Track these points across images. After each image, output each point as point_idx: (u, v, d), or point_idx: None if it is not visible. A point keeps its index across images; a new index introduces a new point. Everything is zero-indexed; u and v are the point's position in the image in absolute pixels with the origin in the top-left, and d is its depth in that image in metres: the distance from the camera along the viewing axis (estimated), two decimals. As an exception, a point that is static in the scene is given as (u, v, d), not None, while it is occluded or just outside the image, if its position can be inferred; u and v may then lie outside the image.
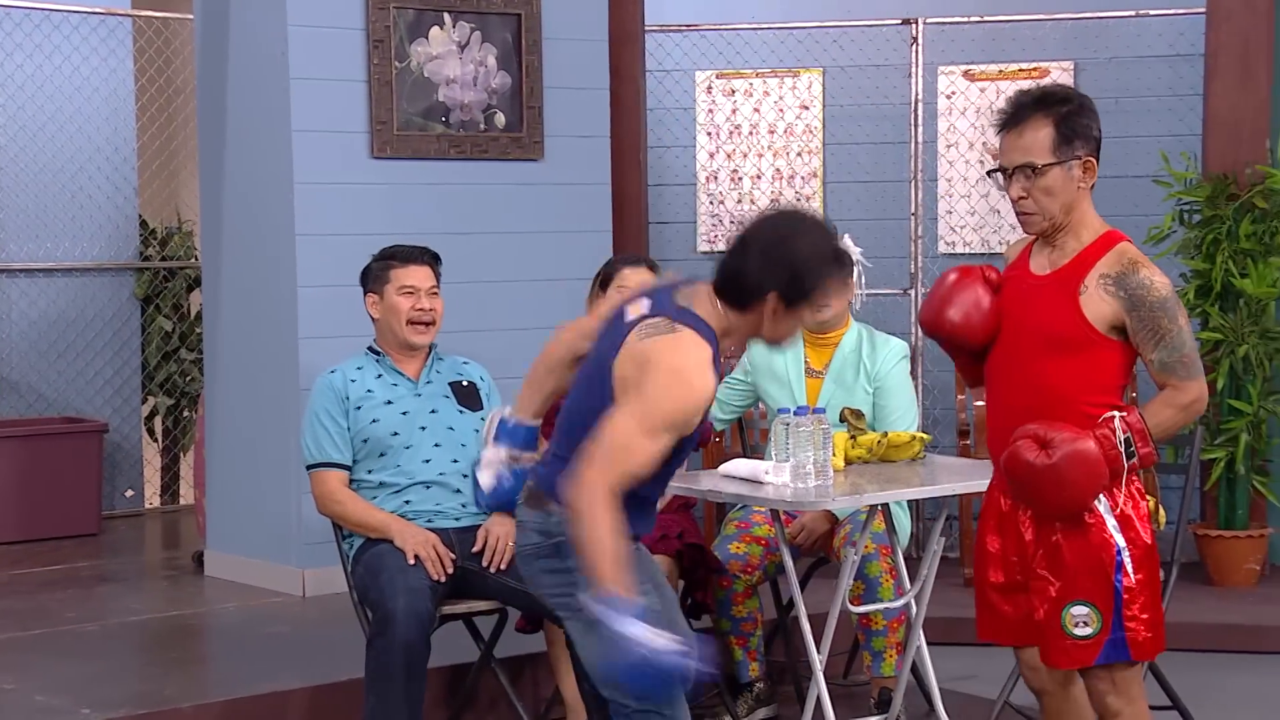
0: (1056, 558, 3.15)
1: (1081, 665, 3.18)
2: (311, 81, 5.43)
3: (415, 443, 4.08)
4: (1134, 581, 3.13)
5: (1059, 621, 3.15)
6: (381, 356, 4.20)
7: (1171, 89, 6.52)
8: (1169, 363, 3.10)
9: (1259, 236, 5.77)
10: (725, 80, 7.04)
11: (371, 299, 4.20)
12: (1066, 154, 3.12)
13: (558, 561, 3.06)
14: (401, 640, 3.74)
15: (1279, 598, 5.68)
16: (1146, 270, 3.10)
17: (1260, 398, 5.77)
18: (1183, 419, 3.15)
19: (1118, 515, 3.13)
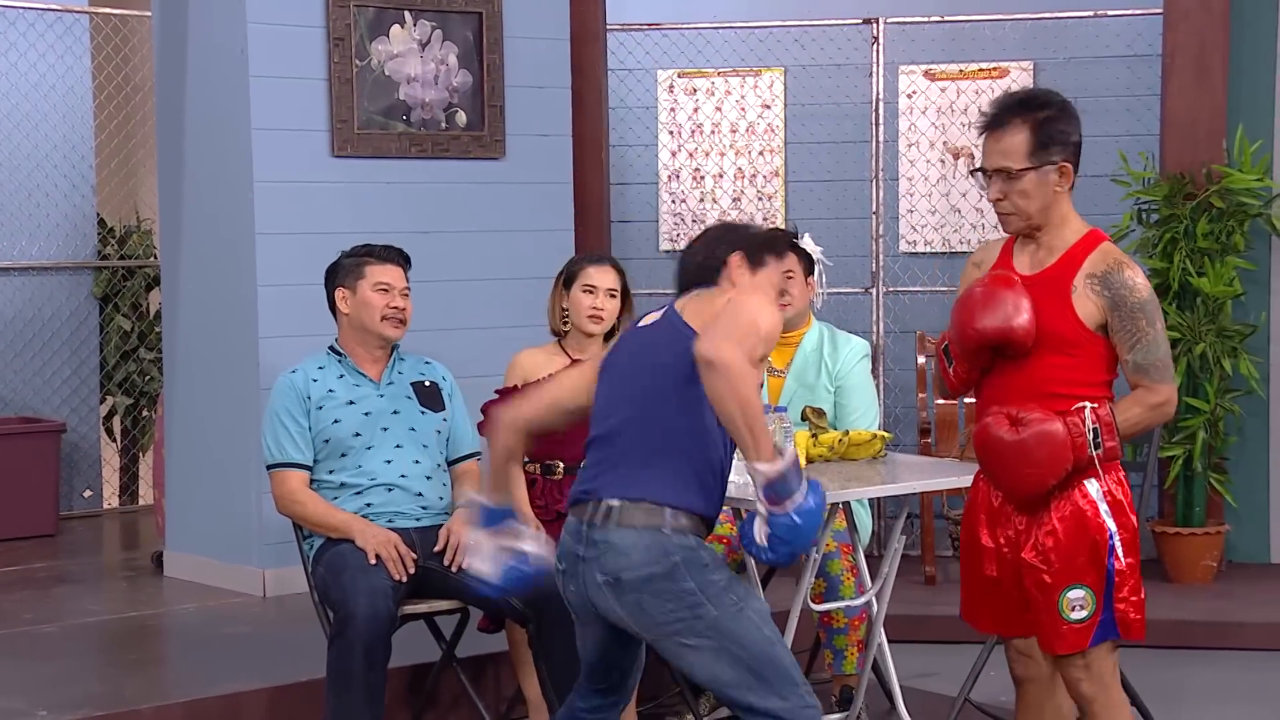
0: (1051, 544, 3.21)
1: (1077, 649, 3.23)
2: (271, 80, 5.41)
3: (377, 443, 4.07)
4: (1124, 565, 3.21)
5: (1056, 606, 3.20)
6: (343, 357, 4.19)
7: (1129, 89, 6.57)
8: (1143, 364, 3.18)
9: (1215, 236, 5.82)
10: (687, 79, 7.05)
11: (342, 294, 4.17)
12: (1042, 159, 3.17)
13: (676, 584, 2.95)
14: (362, 640, 3.73)
15: (1235, 594, 5.73)
16: (1130, 271, 3.18)
17: (1217, 396, 5.82)
18: (1151, 419, 3.23)
19: (1109, 501, 3.21)
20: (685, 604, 2.97)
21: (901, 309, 6.76)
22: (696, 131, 7.06)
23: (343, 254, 4.25)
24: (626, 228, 6.94)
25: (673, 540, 2.96)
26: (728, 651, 2.99)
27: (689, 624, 2.98)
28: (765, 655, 3.01)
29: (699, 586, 2.97)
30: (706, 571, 2.99)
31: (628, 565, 2.97)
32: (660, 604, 2.97)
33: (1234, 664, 5.20)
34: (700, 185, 7.07)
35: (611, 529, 2.99)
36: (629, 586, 2.98)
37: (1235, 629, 5.39)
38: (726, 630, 2.98)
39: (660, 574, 2.96)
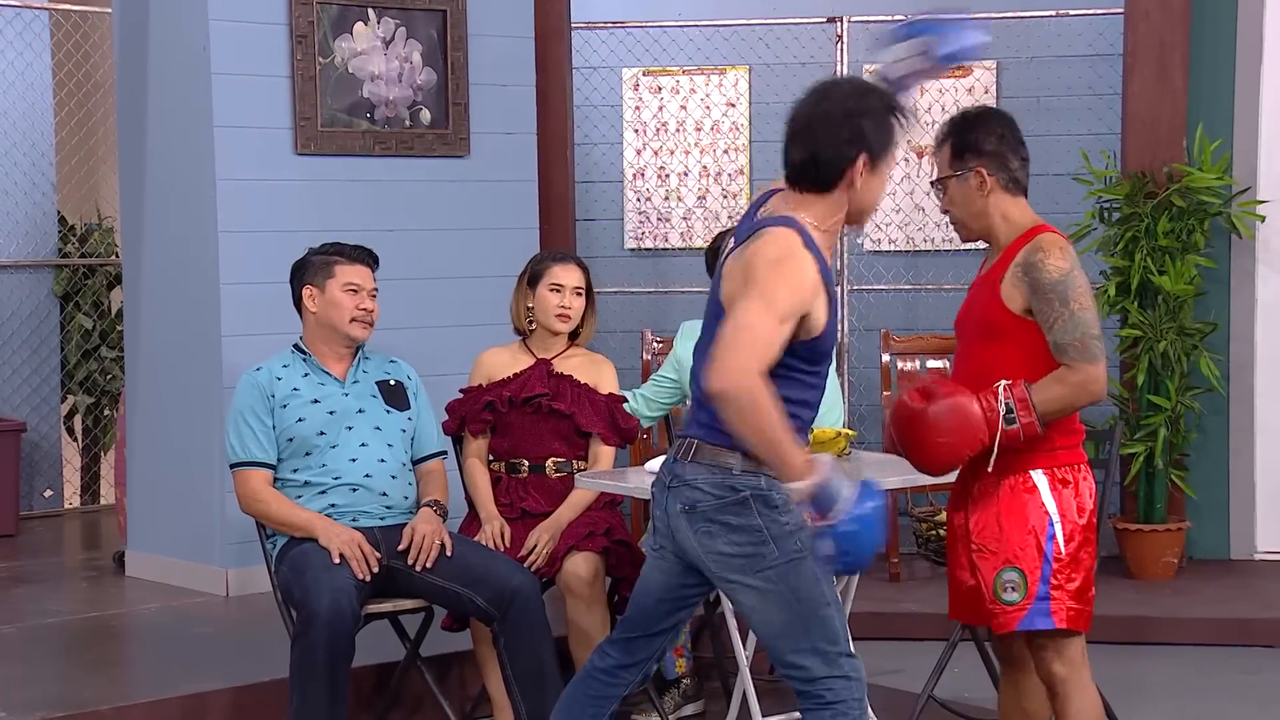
0: (993, 526, 3.32)
1: (1006, 630, 3.32)
2: (234, 77, 5.38)
3: (341, 442, 4.06)
4: (1064, 553, 3.28)
5: (993, 586, 3.30)
6: (308, 356, 4.16)
7: (1091, 88, 6.61)
8: (1061, 344, 3.27)
9: (1176, 234, 5.86)
10: (652, 77, 7.05)
11: (310, 292, 4.13)
12: (959, 166, 3.36)
13: (743, 518, 2.98)
14: (326, 640, 3.72)
15: (1196, 590, 5.78)
16: (1046, 255, 3.27)
17: (1178, 393, 5.87)
18: (1072, 396, 3.28)
19: (1055, 491, 3.30)
20: (750, 540, 3.00)
21: (866, 307, 6.78)
22: (661, 130, 7.07)
23: (311, 251, 4.22)
24: (591, 226, 6.95)
25: (741, 479, 3.00)
26: (781, 597, 3.00)
27: (751, 561, 3.00)
28: (816, 612, 3.02)
29: (765, 525, 2.99)
30: (775, 512, 3.01)
31: (701, 497, 3.02)
32: (727, 536, 3.01)
33: (1194, 659, 5.24)
34: (665, 183, 7.08)
35: (687, 464, 3.05)
36: (701, 516, 3.03)
37: (1195, 625, 5.43)
38: (784, 575, 3.00)
39: (730, 505, 3.00)
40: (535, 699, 3.88)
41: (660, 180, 7.09)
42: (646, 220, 7.09)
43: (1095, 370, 3.27)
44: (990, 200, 3.35)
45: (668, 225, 7.08)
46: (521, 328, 4.41)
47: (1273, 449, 6.21)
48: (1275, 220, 6.12)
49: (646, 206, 7.09)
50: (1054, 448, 3.32)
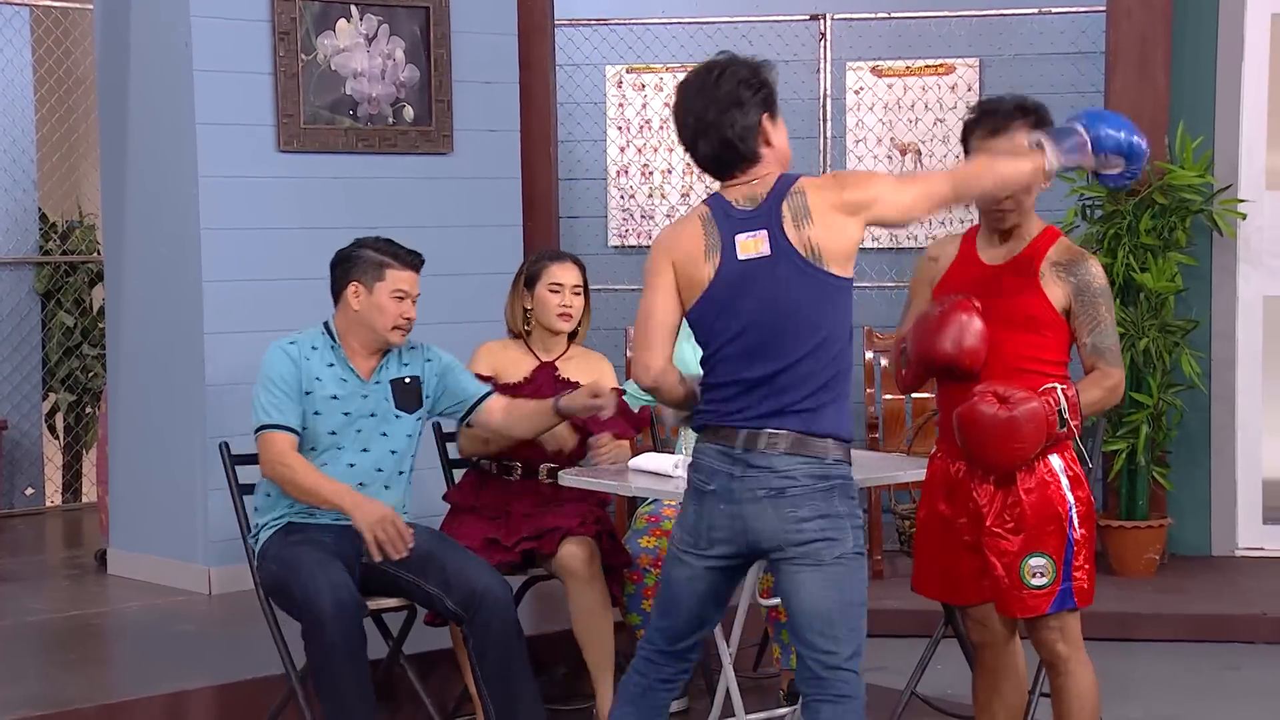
0: (1016, 515, 3.43)
1: (1036, 613, 3.46)
2: (216, 74, 5.37)
3: (347, 445, 3.99)
4: (1080, 535, 3.46)
5: (1018, 573, 3.43)
6: (337, 345, 4.04)
7: (1074, 85, 6.64)
8: (1100, 347, 3.46)
9: (1158, 232, 5.89)
10: (635, 74, 7.06)
11: (356, 289, 4.00)
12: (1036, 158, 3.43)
13: (829, 505, 3.11)
14: (340, 638, 3.71)
15: (1178, 587, 5.80)
16: (1091, 262, 3.47)
17: (1160, 390, 5.89)
18: (1107, 400, 3.49)
19: (1069, 475, 3.46)
20: (831, 524, 3.11)
21: (849, 304, 6.79)
22: (645, 127, 7.07)
23: (361, 242, 4.08)
24: (575, 223, 6.95)
25: (834, 468, 3.13)
26: (836, 586, 3.12)
27: (826, 545, 3.11)
28: (855, 610, 3.16)
29: (847, 514, 3.14)
30: (854, 505, 3.18)
31: (791, 483, 3.11)
32: (812, 517, 3.11)
33: (1175, 656, 5.27)
34: (649, 180, 7.08)
35: (775, 456, 3.12)
36: (789, 498, 3.11)
37: (1177, 621, 5.46)
38: (846, 565, 3.13)
39: (821, 491, 3.11)
40: (503, 700, 3.87)
41: (644, 177, 7.09)
42: (630, 218, 7.10)
43: (1123, 374, 3.50)
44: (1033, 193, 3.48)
45: (651, 223, 7.08)
46: (518, 329, 4.38)
47: (1254, 446, 6.24)
48: (1256, 218, 6.15)
49: (630, 204, 7.10)
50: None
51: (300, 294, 5.52)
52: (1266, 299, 6.25)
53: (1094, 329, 3.43)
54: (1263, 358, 6.25)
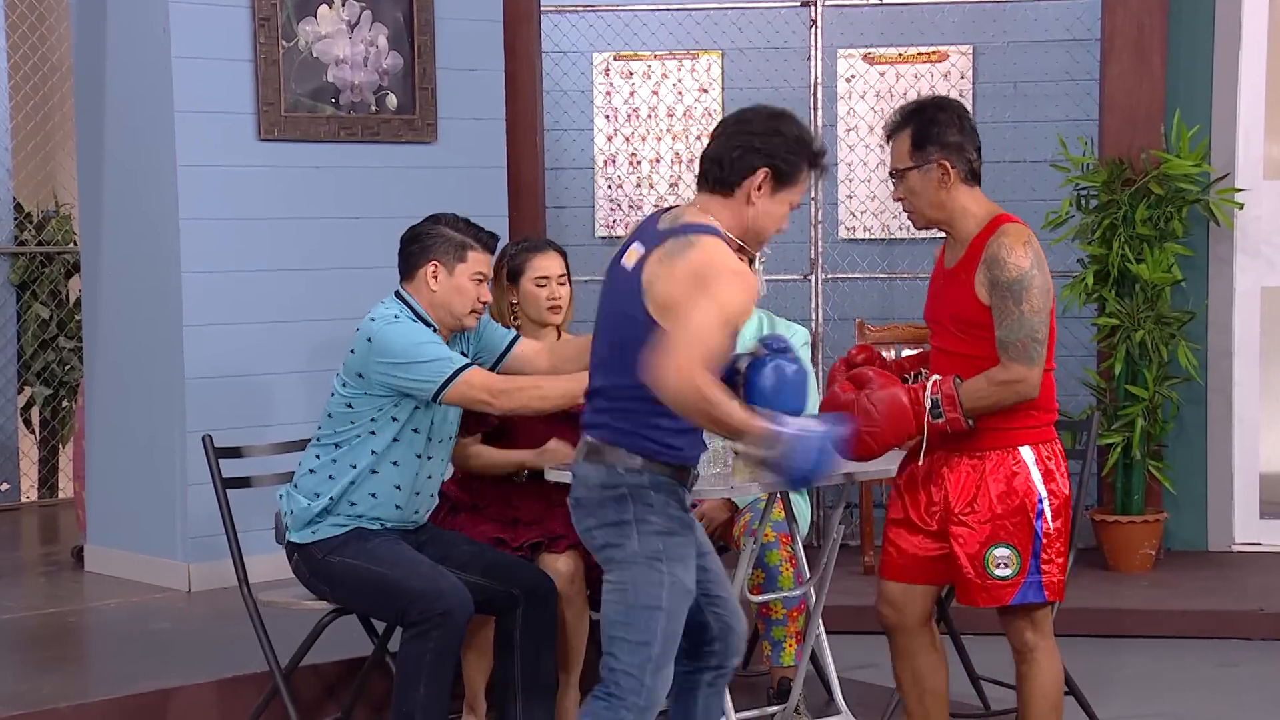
0: (982, 504, 3.49)
1: (999, 604, 3.52)
2: (195, 60, 5.35)
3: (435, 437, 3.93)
4: (1052, 528, 3.50)
5: (983, 563, 3.48)
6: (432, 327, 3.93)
7: (1069, 73, 6.64)
8: (1004, 341, 3.44)
9: (1154, 222, 5.90)
10: (623, 62, 7.05)
11: (434, 268, 3.92)
12: (920, 159, 3.50)
13: (617, 513, 3.15)
14: (459, 630, 3.74)
15: (1174, 582, 5.82)
16: (1010, 251, 3.41)
17: (1156, 383, 5.90)
18: (999, 395, 3.45)
19: (1042, 468, 3.50)
20: (618, 532, 3.17)
21: (841, 296, 6.80)
22: (633, 115, 7.07)
23: (437, 219, 4.01)
24: (562, 213, 6.94)
25: (625, 477, 3.16)
26: (619, 590, 3.17)
27: (612, 552, 3.18)
28: (642, 615, 3.14)
29: (635, 518, 3.16)
30: (649, 510, 3.17)
31: (585, 492, 3.21)
32: (602, 530, 3.19)
33: (1171, 652, 5.29)
34: (637, 170, 7.08)
35: (579, 462, 3.24)
36: (583, 510, 3.23)
37: (1172, 617, 5.47)
38: (634, 569, 3.15)
39: (609, 500, 3.17)
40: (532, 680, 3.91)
41: (632, 167, 7.09)
42: (618, 208, 7.09)
43: (1029, 373, 3.43)
44: (951, 193, 3.48)
45: (639, 213, 7.08)
46: (505, 324, 4.37)
47: (1251, 439, 6.26)
48: (1253, 207, 6.17)
49: (618, 194, 7.10)
50: (1039, 424, 3.52)
51: (282, 285, 5.53)
52: (1264, 290, 6.27)
53: (1001, 321, 3.42)
54: (1260, 349, 6.27)
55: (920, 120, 3.50)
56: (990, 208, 3.52)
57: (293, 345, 5.50)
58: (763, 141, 3.16)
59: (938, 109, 3.53)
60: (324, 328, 5.48)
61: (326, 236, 5.62)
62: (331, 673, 4.41)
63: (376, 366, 3.82)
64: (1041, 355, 3.44)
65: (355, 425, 3.87)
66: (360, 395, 3.85)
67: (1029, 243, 3.42)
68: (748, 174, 3.16)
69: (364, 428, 3.87)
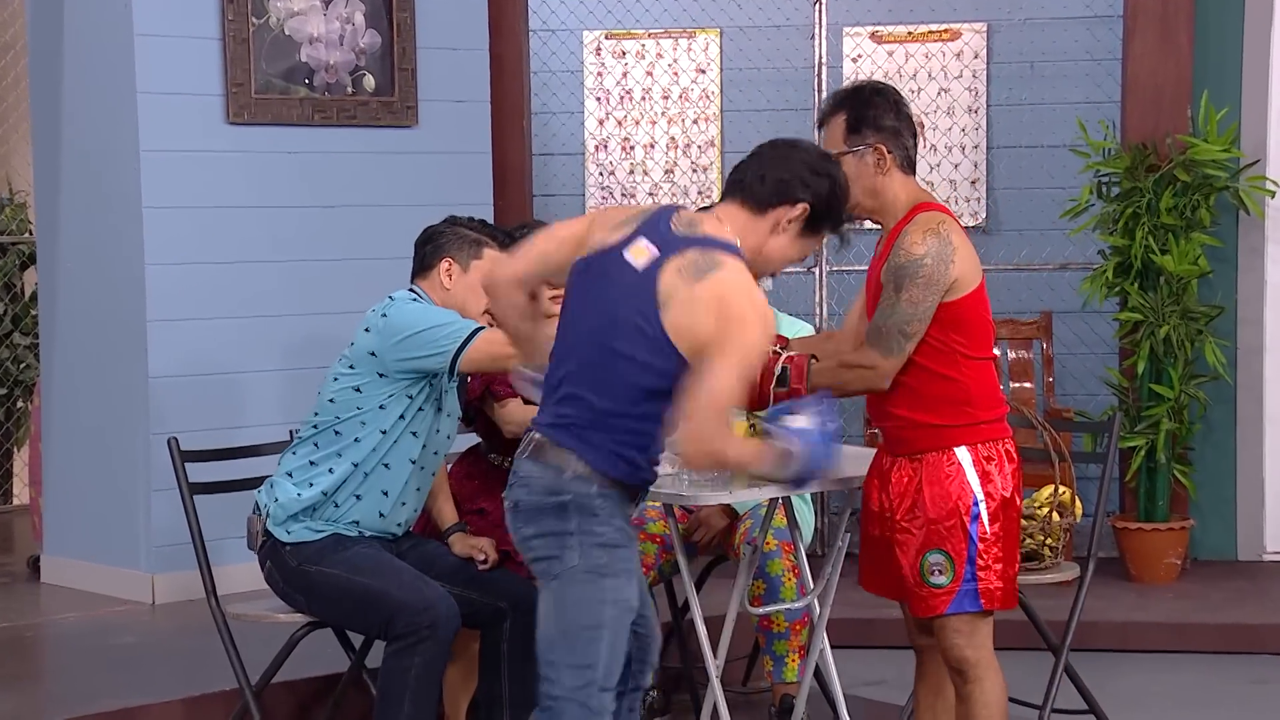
0: (918, 508, 3.50)
1: (934, 614, 3.50)
2: (159, 39, 5.36)
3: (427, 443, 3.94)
4: (989, 532, 3.47)
5: (919, 570, 3.49)
6: None
7: (1089, 53, 6.65)
8: (872, 325, 3.50)
9: (1180, 211, 5.91)
10: (615, 41, 7.06)
11: (449, 266, 3.98)
12: (856, 142, 3.52)
13: (556, 522, 3.12)
14: (447, 640, 3.75)
15: (1201, 594, 5.83)
16: (908, 236, 3.47)
17: (1182, 382, 5.91)
18: (843, 376, 3.52)
19: (979, 469, 3.48)
20: (557, 543, 3.13)
21: (846, 289, 6.81)
22: (625, 98, 7.08)
23: (454, 219, 4.08)
24: (550, 202, 6.95)
25: (570, 484, 3.12)
26: (556, 607, 3.13)
27: (550, 564, 3.14)
28: (581, 635, 3.12)
29: (577, 530, 3.12)
30: (593, 521, 3.13)
31: (525, 495, 3.17)
32: (541, 539, 3.15)
33: (1198, 668, 5.30)
34: (630, 156, 7.09)
35: (525, 460, 3.19)
36: (521, 516, 3.18)
37: (1200, 631, 5.48)
38: (571, 582, 3.12)
39: (548, 508, 3.13)
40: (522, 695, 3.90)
41: (624, 153, 7.10)
42: (610, 196, 7.10)
43: (882, 363, 3.47)
44: (885, 179, 3.52)
45: (632, 202, 7.09)
46: None
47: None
48: (1286, 196, 6.18)
49: (610, 181, 7.10)
50: (977, 422, 3.50)
51: (252, 278, 5.53)
52: (1296, 283, 6.29)
53: (878, 307, 3.47)
54: (1292, 347, 6.29)
55: (856, 103, 3.53)
56: (916, 195, 3.55)
57: (264, 342, 5.50)
58: (814, 179, 3.21)
59: (874, 92, 3.56)
60: (298, 323, 5.49)
61: (300, 226, 5.62)
62: (305, 690, 4.41)
63: (393, 343, 3.85)
64: (903, 350, 3.44)
65: (361, 411, 3.88)
66: (371, 379, 3.88)
67: (935, 231, 3.43)
68: (788, 203, 3.20)
69: (371, 414, 3.87)
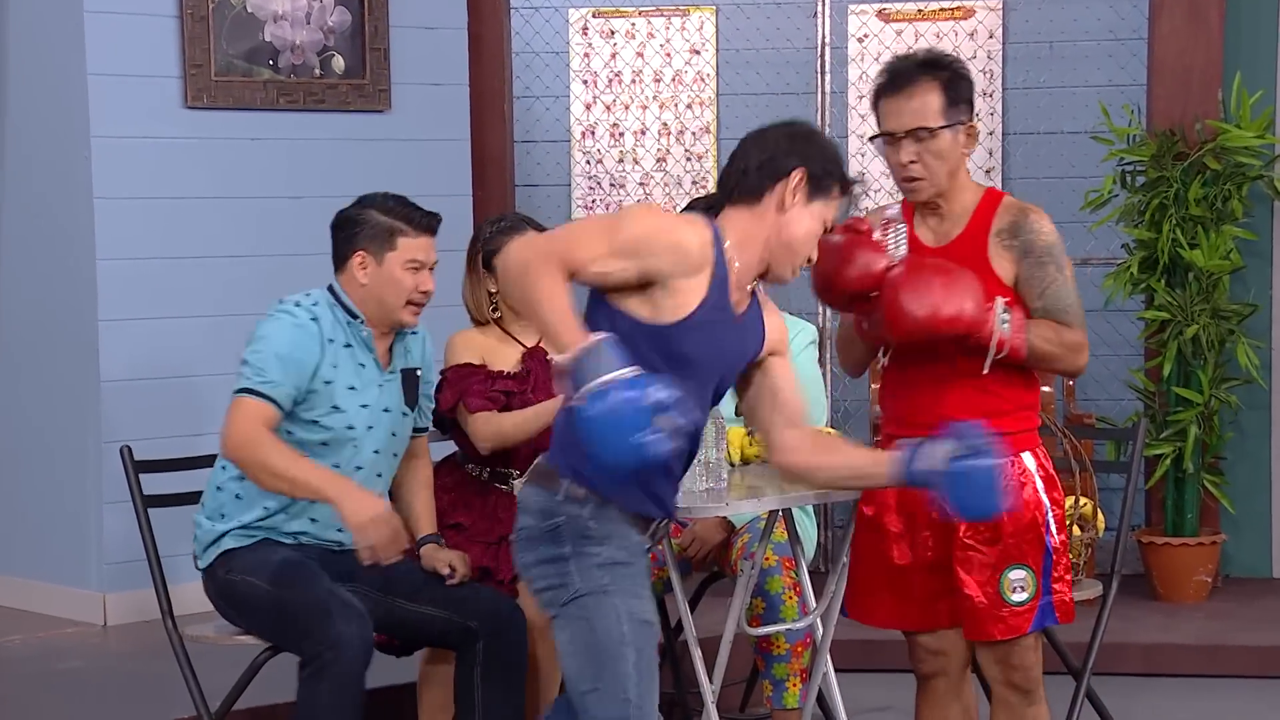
0: (991, 524, 3.45)
1: (1017, 633, 3.50)
2: (111, 16, 5.36)
3: (360, 442, 3.91)
4: (1058, 542, 3.52)
5: (997, 588, 3.47)
6: (355, 322, 3.92)
7: (1112, 31, 6.66)
8: (1054, 309, 3.47)
9: (1210, 202, 5.91)
10: (603, 19, 7.05)
11: (362, 259, 3.91)
12: (953, 117, 3.48)
13: (553, 548, 3.13)
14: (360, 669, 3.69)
15: (1233, 613, 5.83)
16: (1035, 216, 3.50)
17: (1212, 386, 5.91)
18: (1060, 355, 3.48)
19: (1043, 475, 3.52)
20: (557, 570, 3.15)
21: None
22: (614, 80, 7.07)
23: (365, 201, 4.00)
24: (534, 192, 6.95)
25: (562, 505, 3.14)
26: (575, 635, 3.14)
27: (556, 593, 3.15)
28: (614, 659, 3.11)
29: (573, 554, 3.14)
30: (587, 543, 3.14)
31: (524, 521, 3.20)
32: (540, 568, 3.17)
33: (1229, 693, 5.30)
34: (619, 143, 7.09)
35: (524, 486, 3.23)
36: (521, 544, 3.21)
37: (1232, 653, 5.48)
38: (579, 608, 3.13)
39: (543, 533, 3.16)
40: None
41: (613, 139, 7.09)
42: (598, 186, 7.10)
43: (1085, 339, 3.50)
44: (964, 160, 3.52)
45: (622, 191, 7.09)
46: (484, 317, 4.36)
47: (1320, 450, 6.28)
48: (1323, 186, 6.19)
49: (597, 170, 7.10)
50: (1033, 427, 3.55)
51: (211, 274, 5.52)
52: (1335, 279, 6.29)
53: (1045, 290, 3.45)
54: (1331, 348, 6.29)
55: (951, 75, 3.48)
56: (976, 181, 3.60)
57: (226, 343, 5.45)
58: (795, 143, 3.19)
59: (959, 64, 3.54)
60: (260, 323, 5.47)
61: (264, 218, 5.62)
62: (268, 716, 4.40)
63: None
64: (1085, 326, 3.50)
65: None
66: None
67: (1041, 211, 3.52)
68: (780, 176, 3.17)
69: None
